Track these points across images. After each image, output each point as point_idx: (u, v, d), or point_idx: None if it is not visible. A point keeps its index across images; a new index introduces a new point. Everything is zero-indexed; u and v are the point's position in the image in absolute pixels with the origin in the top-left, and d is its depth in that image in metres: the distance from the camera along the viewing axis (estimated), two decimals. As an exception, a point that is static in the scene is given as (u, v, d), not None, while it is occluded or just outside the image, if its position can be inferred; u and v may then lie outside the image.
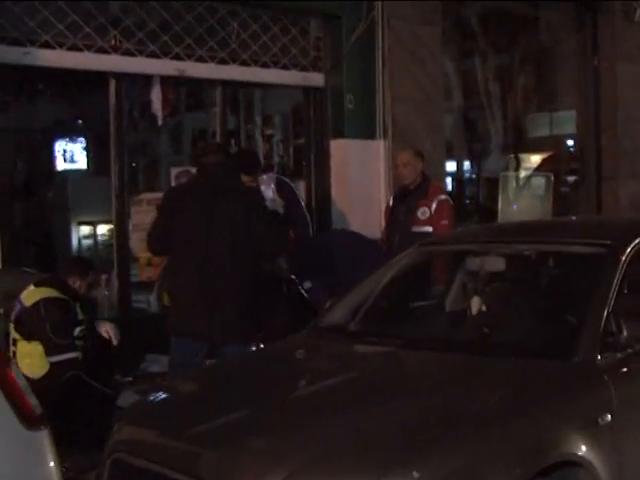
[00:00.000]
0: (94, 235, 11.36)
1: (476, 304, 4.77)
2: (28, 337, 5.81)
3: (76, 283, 6.02)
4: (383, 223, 7.63)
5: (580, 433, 3.48)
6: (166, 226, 5.52)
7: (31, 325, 5.79)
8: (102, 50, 6.86)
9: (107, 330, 6.20)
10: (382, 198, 8.21)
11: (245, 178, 6.11)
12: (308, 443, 3.29)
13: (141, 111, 8.42)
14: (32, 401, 2.53)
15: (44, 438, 2.48)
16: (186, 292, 5.45)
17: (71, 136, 12.38)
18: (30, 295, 5.89)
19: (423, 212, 6.96)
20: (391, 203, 7.36)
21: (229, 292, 5.38)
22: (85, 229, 11.51)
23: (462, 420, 3.35)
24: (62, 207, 11.67)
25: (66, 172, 12.43)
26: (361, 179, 8.30)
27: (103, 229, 10.98)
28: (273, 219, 5.79)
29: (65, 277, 6.02)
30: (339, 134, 8.25)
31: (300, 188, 8.68)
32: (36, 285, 5.97)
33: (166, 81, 7.57)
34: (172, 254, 5.61)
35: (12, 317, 5.89)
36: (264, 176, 6.13)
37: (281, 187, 6.75)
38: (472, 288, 5.06)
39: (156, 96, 7.45)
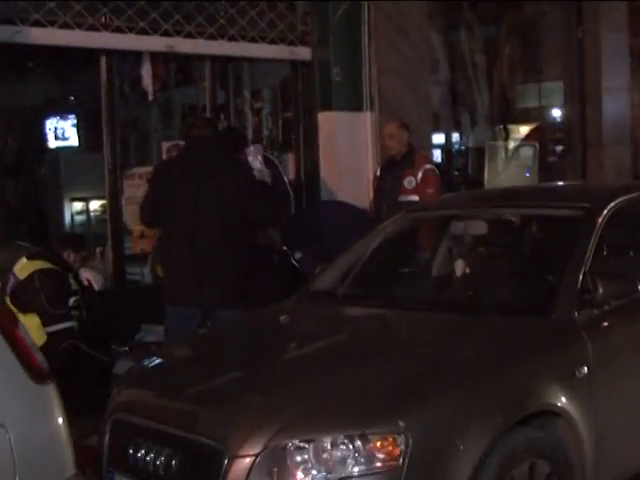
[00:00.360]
0: (87, 211, 11.49)
1: (460, 267, 4.92)
2: (24, 309, 5.92)
3: (70, 257, 6.15)
4: (371, 194, 7.77)
5: (559, 385, 3.67)
6: (156, 199, 5.64)
7: (26, 297, 5.91)
8: (93, 28, 6.96)
9: (87, 277, 6.33)
10: (370, 169, 8.33)
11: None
12: (299, 398, 3.46)
13: (132, 87, 8.52)
14: (39, 357, 2.69)
15: (52, 392, 2.64)
16: (178, 262, 5.57)
17: (62, 113, 12.47)
18: (23, 268, 6.01)
19: (409, 181, 7.09)
20: (378, 173, 7.50)
21: (219, 261, 5.51)
22: (78, 205, 11.63)
23: (447, 372, 3.53)
24: (54, 184, 11.79)
25: (58, 149, 12.52)
26: (349, 151, 8.41)
27: (96, 205, 11.10)
28: (262, 189, 5.90)
29: (60, 251, 6.14)
30: (327, 107, 8.34)
31: (289, 161, 8.82)
32: (29, 258, 6.08)
33: (156, 57, 7.67)
34: (164, 226, 5.75)
35: (7, 291, 6.01)
36: (251, 147, 6.26)
37: (265, 163, 6.88)
38: (457, 252, 5.20)
39: (146, 72, 7.55)
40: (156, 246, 7.66)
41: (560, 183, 8.17)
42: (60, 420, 2.63)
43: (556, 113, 12.24)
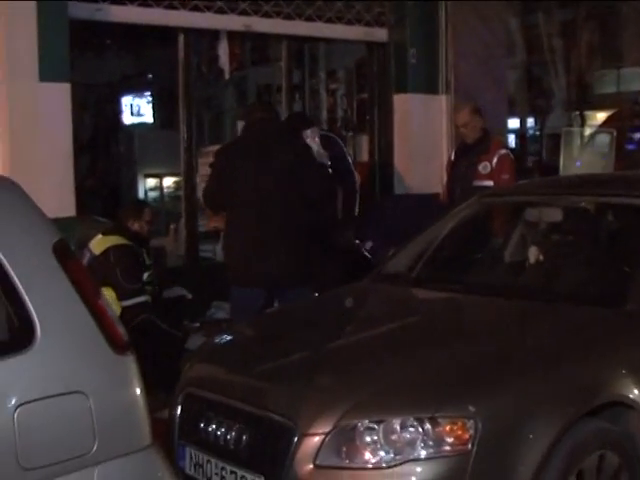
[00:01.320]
0: (160, 187, 11.59)
1: (534, 254, 4.89)
2: (99, 284, 6.04)
3: (134, 225, 6.23)
4: (445, 177, 7.74)
5: (631, 377, 3.61)
6: (218, 183, 5.72)
7: (102, 272, 6.00)
8: (171, 6, 7.07)
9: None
10: (444, 152, 8.32)
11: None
12: (370, 379, 3.49)
13: (208, 66, 8.60)
14: (120, 329, 2.77)
15: (131, 363, 2.71)
16: (242, 243, 5.65)
17: (138, 90, 12.61)
18: (99, 243, 6.14)
19: (484, 167, 7.02)
20: (452, 158, 7.46)
21: (282, 240, 5.56)
22: (152, 181, 11.75)
23: (518, 359, 3.52)
24: (129, 160, 11.92)
25: (133, 126, 12.67)
26: (423, 134, 8.41)
27: (169, 181, 11.21)
28: (320, 169, 5.94)
29: (124, 221, 6.25)
30: (402, 89, 8.36)
31: (363, 142, 8.85)
32: (104, 234, 6.21)
33: (233, 36, 7.75)
34: (228, 207, 5.81)
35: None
36: (308, 130, 6.29)
37: (327, 143, 6.91)
38: (531, 239, 5.17)
39: (223, 51, 7.64)
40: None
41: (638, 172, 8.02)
42: (138, 391, 2.69)
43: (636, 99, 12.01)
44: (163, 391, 4.50)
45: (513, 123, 12.54)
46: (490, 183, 6.93)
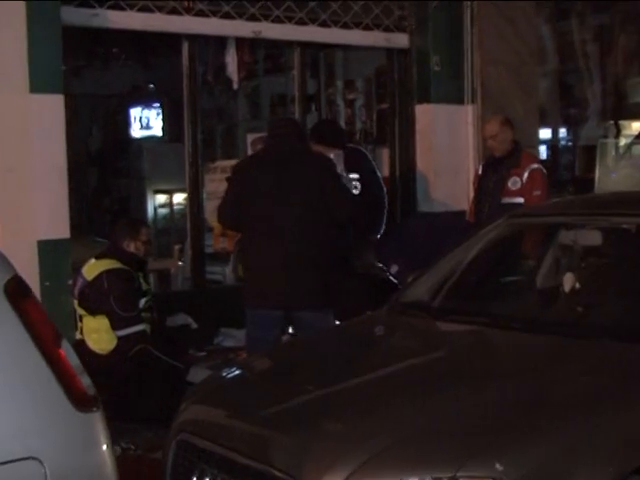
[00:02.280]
0: (170, 204, 11.36)
1: (569, 281, 4.57)
2: (93, 312, 5.84)
3: (130, 246, 6.01)
4: (471, 193, 7.45)
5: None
6: (236, 199, 5.56)
7: (95, 299, 5.82)
8: (174, 11, 6.81)
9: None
10: (470, 167, 8.05)
11: (323, 149, 6.16)
12: (383, 429, 3.18)
13: (215, 75, 8.35)
14: (85, 381, 2.45)
15: (96, 420, 2.40)
16: (261, 262, 5.50)
17: (147, 102, 12.40)
18: (91, 268, 5.91)
19: (514, 182, 6.75)
20: (480, 172, 7.16)
21: (304, 259, 5.44)
22: (161, 198, 11.53)
23: (553, 407, 3.19)
24: (137, 175, 11.70)
25: (141, 139, 12.46)
26: (448, 146, 8.15)
27: (179, 198, 10.97)
28: (346, 187, 5.76)
29: (120, 243, 6.01)
30: (425, 99, 8.11)
31: (383, 156, 8.58)
32: (97, 258, 5.99)
33: (241, 43, 7.49)
34: (245, 226, 5.64)
35: (75, 292, 5.92)
36: (332, 154, 6.08)
37: (355, 156, 6.68)
38: (566, 264, 4.85)
39: (231, 59, 7.41)
40: (239, 245, 7.56)
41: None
42: (106, 454, 2.38)
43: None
44: (161, 428, 4.20)
45: (544, 134, 12.32)
46: (520, 200, 6.65)
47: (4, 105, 5.80)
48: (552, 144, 12.76)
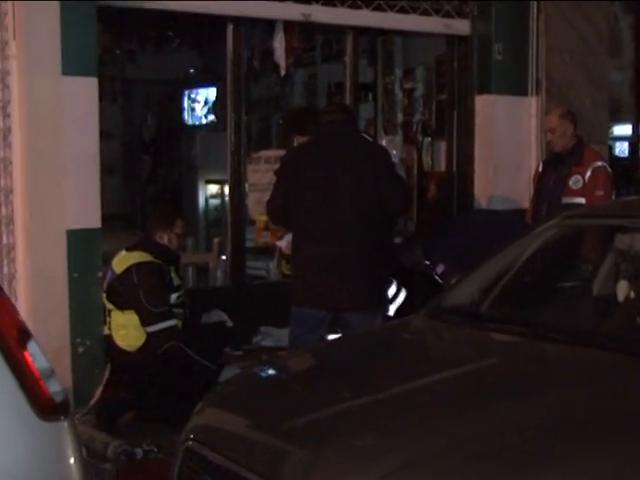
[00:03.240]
0: (222, 194, 11.24)
1: (624, 290, 4.32)
2: (122, 307, 5.75)
3: (163, 238, 5.90)
4: (532, 192, 7.18)
5: None
6: (286, 192, 5.47)
7: (124, 294, 5.74)
8: (220, -9, 6.63)
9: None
10: (532, 163, 7.78)
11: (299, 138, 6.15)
12: (403, 444, 3.00)
13: (262, 60, 8.18)
14: (52, 387, 2.28)
15: (63, 430, 2.23)
16: (311, 260, 5.41)
17: (201, 88, 12.31)
18: (121, 261, 5.82)
19: (576, 181, 6.48)
20: (540, 169, 6.89)
21: (356, 258, 5.34)
22: (213, 188, 11.44)
23: (599, 429, 2.95)
24: (190, 164, 11.63)
25: (195, 127, 12.39)
26: (509, 141, 7.88)
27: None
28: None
29: (152, 235, 5.89)
30: (485, 89, 7.84)
31: (441, 150, 8.36)
32: (128, 250, 5.90)
33: (290, 27, 7.32)
34: (294, 221, 5.55)
35: (104, 286, 5.82)
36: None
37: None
38: (621, 272, 4.59)
39: (279, 43, 7.24)
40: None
41: None
42: (73, 465, 2.21)
43: None
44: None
45: (623, 130, 11.93)
46: (582, 200, 6.40)
47: (35, 87, 5.68)
48: (632, 140, 12.37)
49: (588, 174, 6.46)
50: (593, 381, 3.44)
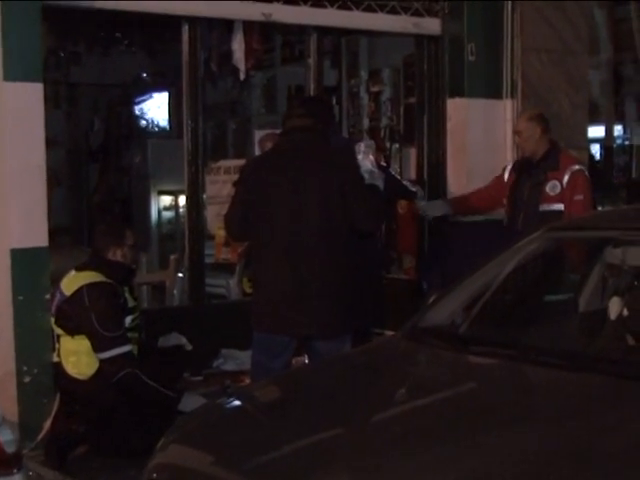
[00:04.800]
0: (176, 206, 11.13)
1: (615, 307, 4.28)
2: (72, 332, 5.63)
3: (117, 254, 5.77)
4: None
5: None
6: (244, 206, 5.31)
7: (74, 317, 5.61)
8: (174, -10, 6.56)
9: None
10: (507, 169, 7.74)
11: None
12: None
13: (220, 63, 8.13)
14: (3, 436, 2.17)
15: (17, 484, 2.12)
16: (272, 280, 5.26)
17: (153, 92, 12.23)
18: (71, 282, 5.69)
19: (553, 186, 6.47)
20: (506, 177, 6.86)
21: (322, 281, 5.18)
22: (166, 199, 11.31)
23: (586, 463, 2.88)
24: (140, 173, 11.50)
25: (145, 133, 12.29)
26: (483, 146, 7.88)
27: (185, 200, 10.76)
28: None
29: (104, 253, 5.77)
30: (457, 92, 7.83)
31: (411, 156, 8.34)
32: (77, 269, 5.77)
33: (250, 27, 7.26)
34: (255, 237, 5.41)
35: (52, 309, 5.70)
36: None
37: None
38: (612, 286, 4.56)
39: (238, 45, 7.18)
40: (245, 257, 7.37)
41: None
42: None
43: None
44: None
45: (596, 132, 12.08)
46: (560, 207, 6.40)
47: (-26, 95, 5.57)
48: (605, 144, 12.50)
49: (566, 179, 6.46)
50: (582, 409, 3.38)
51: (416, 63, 8.09)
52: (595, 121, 11.04)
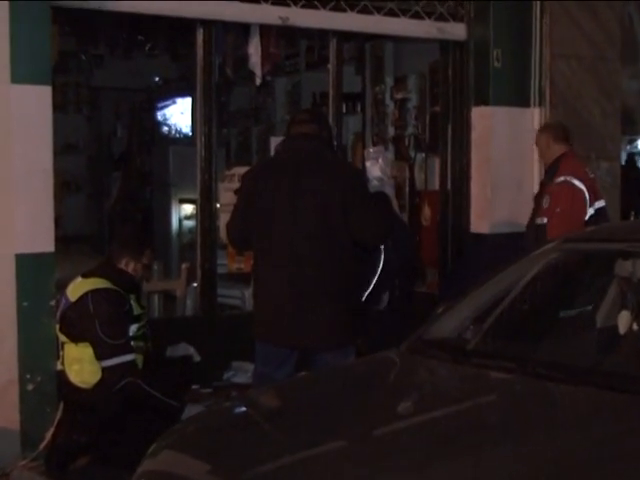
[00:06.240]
0: (197, 215, 11.24)
1: (625, 321, 4.30)
2: (76, 339, 5.73)
3: (129, 266, 5.88)
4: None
5: None
6: (246, 214, 5.38)
7: (78, 324, 5.70)
8: (190, -7, 6.64)
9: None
10: (535, 181, 7.78)
11: None
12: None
13: (236, 67, 8.20)
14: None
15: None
16: (271, 289, 5.33)
17: (176, 97, 12.34)
18: (76, 288, 5.80)
19: (546, 200, 6.60)
20: (536, 190, 6.95)
21: (321, 293, 5.23)
22: (187, 208, 11.40)
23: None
24: (162, 181, 11.60)
25: (168, 140, 12.40)
26: (509, 157, 7.89)
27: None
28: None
29: (117, 261, 5.88)
30: (483, 100, 7.86)
31: (435, 166, 8.36)
32: (84, 276, 5.88)
33: (267, 31, 7.35)
34: (255, 247, 5.47)
35: (57, 316, 5.80)
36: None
37: None
38: (622, 301, 4.59)
39: (254, 49, 7.25)
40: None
41: None
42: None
43: None
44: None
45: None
46: (545, 220, 6.50)
47: (-19, 97, 5.70)
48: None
49: (553, 191, 6.53)
50: (593, 425, 3.41)
51: (440, 70, 8.13)
52: (630, 132, 11.02)
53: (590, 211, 6.52)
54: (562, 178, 6.55)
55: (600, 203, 6.61)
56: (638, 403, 3.50)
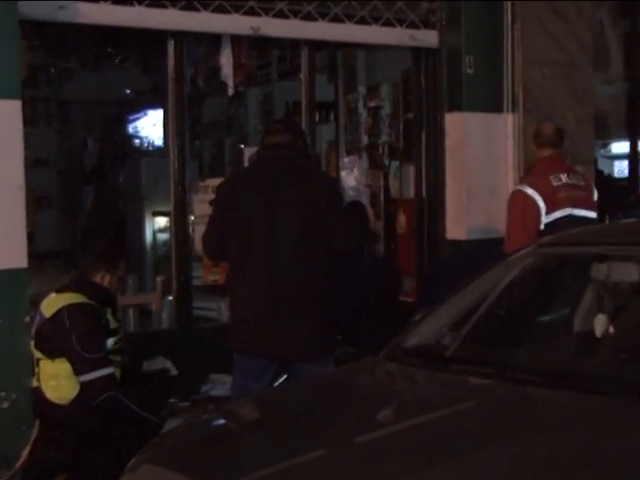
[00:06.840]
0: (170, 228, 11.23)
1: (601, 325, 4.36)
2: (52, 355, 5.70)
3: (105, 279, 5.87)
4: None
5: None
6: (222, 225, 5.42)
7: (54, 340, 5.67)
8: (158, 4, 6.63)
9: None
10: (509, 187, 7.80)
11: None
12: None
13: (207, 79, 8.22)
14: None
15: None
16: (248, 304, 5.38)
17: (148, 109, 12.34)
18: (51, 304, 5.77)
19: None
20: None
21: (300, 303, 5.28)
22: (161, 220, 11.38)
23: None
24: (135, 194, 11.57)
25: (140, 152, 12.39)
26: (483, 163, 7.94)
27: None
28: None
29: (91, 275, 5.87)
30: (456, 106, 7.90)
31: (410, 174, 8.40)
32: (58, 291, 5.86)
33: (238, 42, 7.38)
34: (231, 258, 5.51)
35: (32, 332, 5.78)
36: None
37: None
38: (598, 304, 4.64)
39: (226, 60, 7.28)
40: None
41: None
42: None
43: None
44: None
45: (620, 148, 12.10)
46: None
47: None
48: (632, 158, 12.54)
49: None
50: (574, 428, 3.44)
51: (413, 77, 8.16)
52: (615, 136, 11.08)
53: (545, 220, 6.45)
54: (516, 187, 6.65)
55: (561, 212, 6.51)
56: (617, 405, 3.54)
